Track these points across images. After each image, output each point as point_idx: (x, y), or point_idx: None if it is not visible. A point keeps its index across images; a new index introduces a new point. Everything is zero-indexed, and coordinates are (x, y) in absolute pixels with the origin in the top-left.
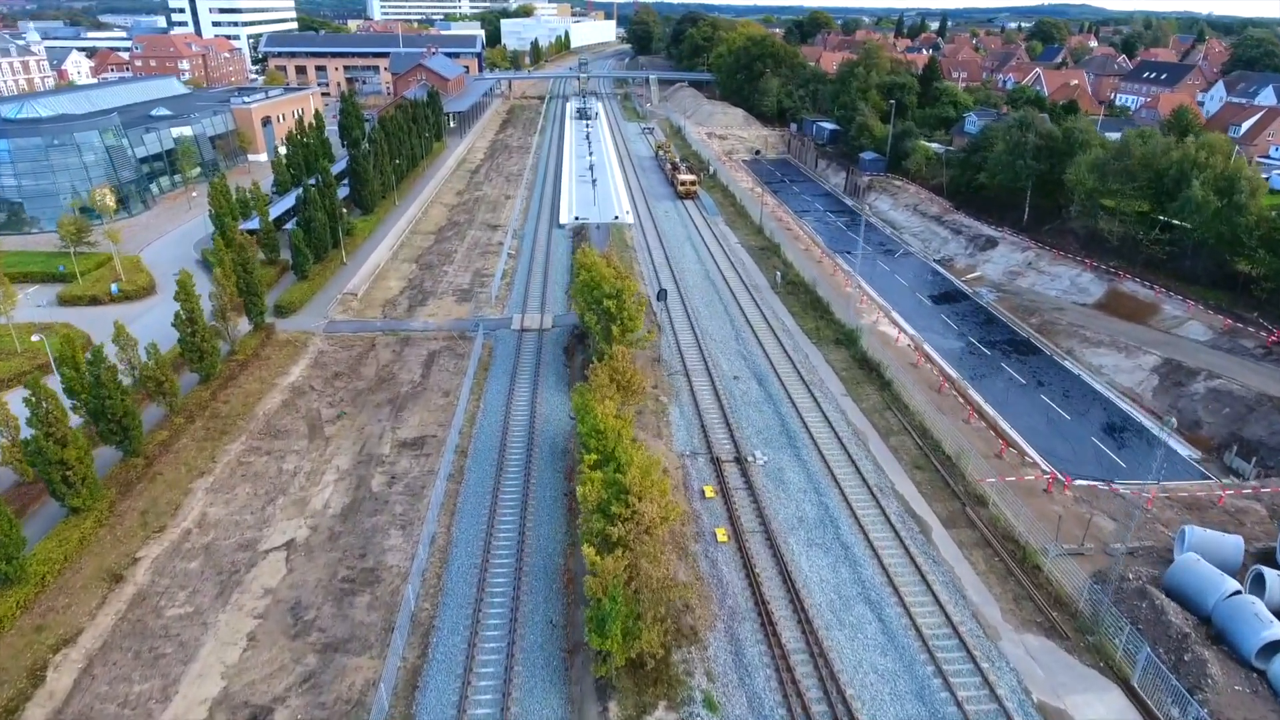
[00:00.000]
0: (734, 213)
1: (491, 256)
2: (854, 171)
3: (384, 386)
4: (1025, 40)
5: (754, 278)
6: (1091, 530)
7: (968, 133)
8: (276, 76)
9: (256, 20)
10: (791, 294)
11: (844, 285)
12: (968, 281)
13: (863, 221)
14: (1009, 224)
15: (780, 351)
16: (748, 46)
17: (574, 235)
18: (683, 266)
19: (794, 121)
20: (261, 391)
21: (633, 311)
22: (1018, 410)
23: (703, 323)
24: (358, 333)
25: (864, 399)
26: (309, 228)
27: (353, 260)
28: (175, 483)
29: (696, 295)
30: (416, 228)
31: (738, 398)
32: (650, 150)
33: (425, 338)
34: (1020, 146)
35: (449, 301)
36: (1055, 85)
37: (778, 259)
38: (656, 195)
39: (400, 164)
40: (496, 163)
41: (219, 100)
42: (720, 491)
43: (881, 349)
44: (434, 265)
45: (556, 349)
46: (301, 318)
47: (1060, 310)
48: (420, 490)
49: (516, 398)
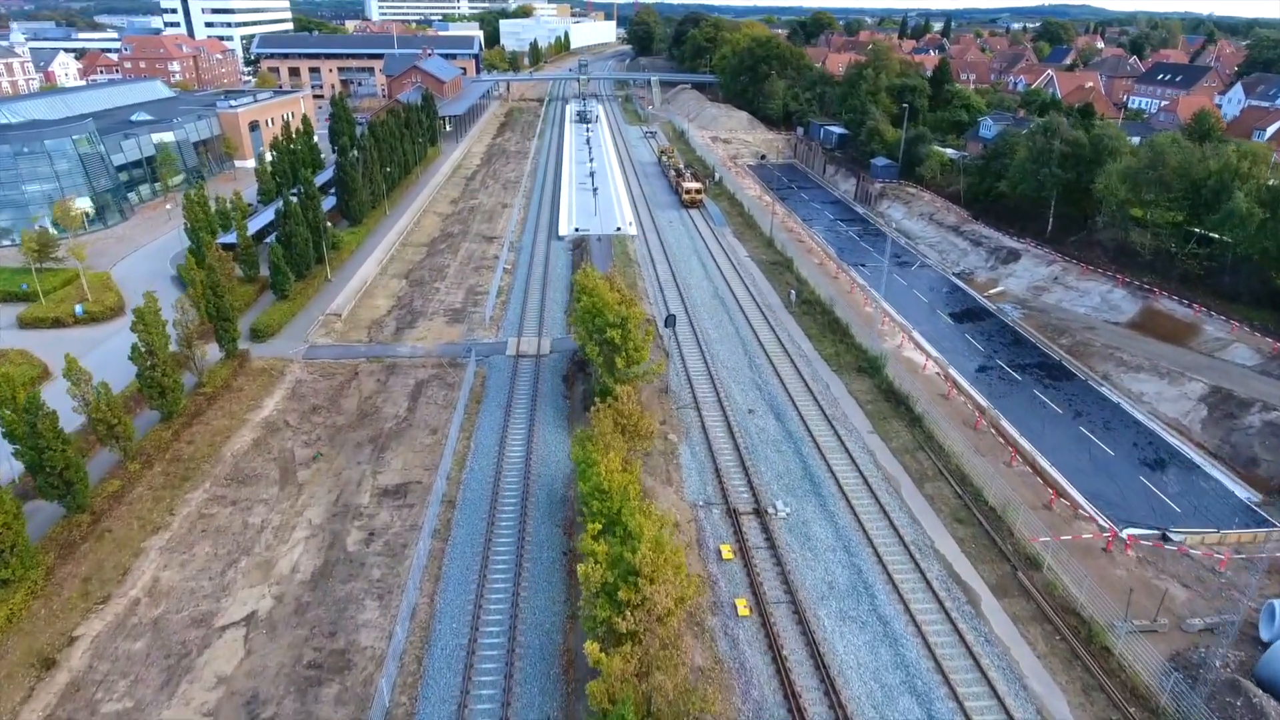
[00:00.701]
0: (742, 223)
1: (486, 272)
2: (865, 178)
3: (366, 422)
4: (1032, 41)
5: (766, 296)
6: (1162, 599)
7: (983, 138)
8: (268, 78)
9: (251, 21)
10: (807, 314)
11: (863, 304)
12: (990, 297)
13: (888, 243)
14: (1031, 235)
15: (798, 381)
16: (752, 48)
17: (574, 248)
18: (690, 283)
19: (800, 125)
20: (231, 429)
21: (638, 342)
22: (1057, 445)
23: (713, 347)
24: (340, 359)
25: (893, 437)
26: (289, 243)
27: (338, 276)
28: (126, 541)
29: (706, 316)
30: (408, 239)
31: (754, 436)
32: (653, 155)
33: (413, 365)
34: (1045, 154)
35: (440, 323)
36: (1069, 88)
37: (791, 275)
38: (660, 204)
39: (392, 172)
40: (493, 169)
41: (205, 104)
42: (739, 551)
43: (908, 378)
44: (425, 281)
45: (555, 378)
46: (279, 342)
47: (1092, 330)
48: (401, 550)
49: (511, 436)
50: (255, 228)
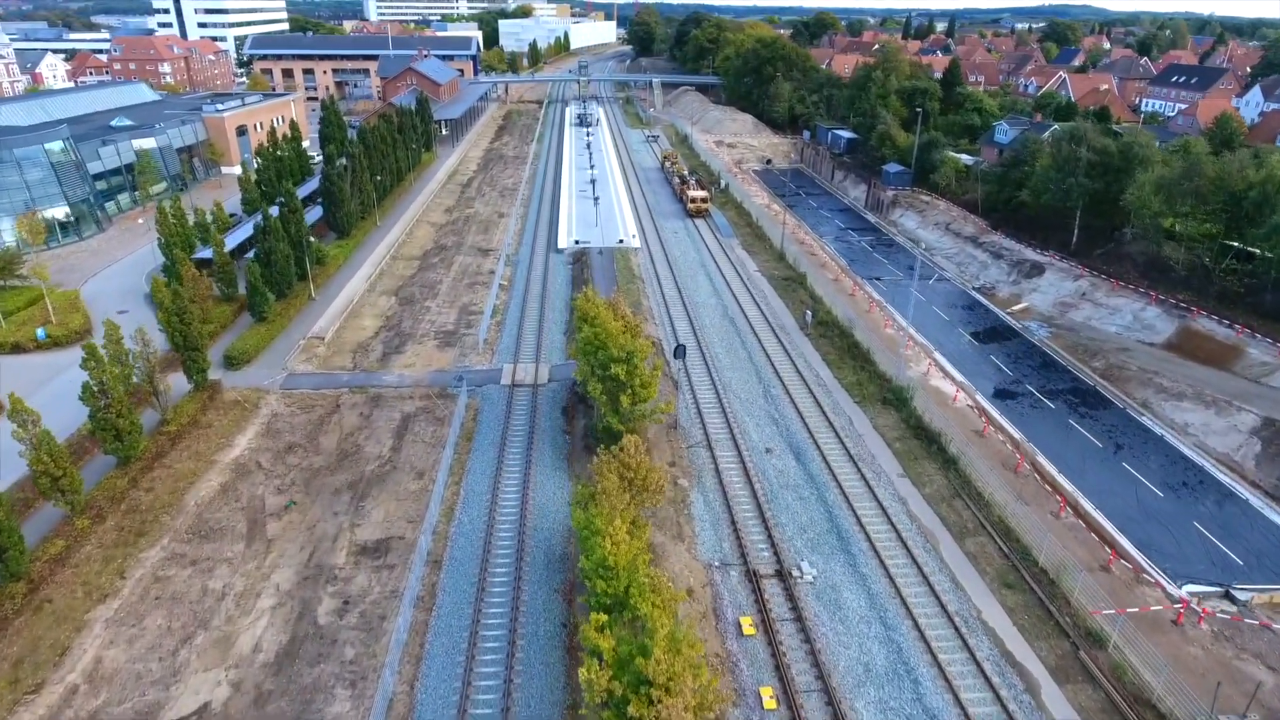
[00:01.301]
0: (750, 234)
1: (481, 288)
2: (876, 185)
3: (345, 464)
4: (1039, 42)
5: (780, 316)
6: (1248, 685)
7: (998, 143)
8: (260, 80)
9: (245, 21)
10: (825, 337)
11: (883, 325)
12: (1014, 315)
13: (916, 265)
14: (1055, 247)
15: (818, 414)
16: (757, 49)
17: (574, 262)
18: (697, 301)
19: (807, 129)
20: (196, 472)
21: (645, 377)
22: (1101, 486)
23: (725, 375)
24: (320, 389)
25: (925, 481)
26: (269, 261)
27: (323, 294)
28: (67, 613)
29: (716, 339)
30: (399, 252)
31: (773, 480)
32: (655, 161)
33: (399, 396)
34: (1070, 162)
35: (430, 347)
36: (1083, 90)
37: (804, 292)
38: (664, 213)
39: (383, 180)
40: (490, 175)
41: (190, 108)
42: (762, 624)
43: (938, 411)
44: (415, 300)
45: (554, 410)
46: (256, 370)
47: (1125, 351)
48: (379, 622)
49: (505, 481)
50: (237, 240)
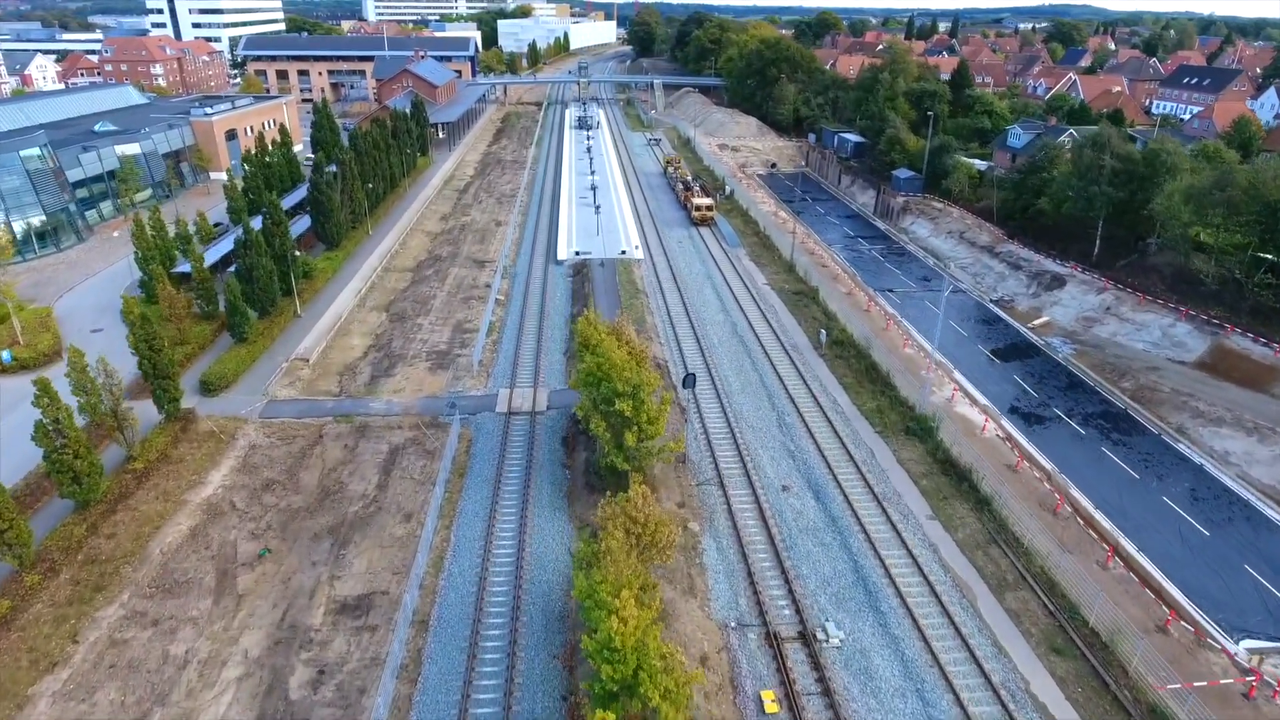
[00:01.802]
0: (758, 243)
1: (476, 303)
2: (886, 191)
3: (327, 504)
4: (1043, 42)
5: (792, 334)
6: None
7: (1011, 147)
8: (254, 82)
9: (240, 22)
10: (840, 357)
11: (902, 344)
12: (1035, 330)
13: (945, 292)
14: (1075, 258)
15: (837, 446)
16: (760, 50)
17: (574, 274)
18: (704, 317)
19: (812, 132)
20: (164, 514)
21: (653, 412)
22: (1142, 523)
23: (736, 401)
24: (302, 418)
25: (957, 525)
26: (250, 278)
27: (309, 311)
28: (9, 687)
29: (725, 360)
30: (391, 263)
31: (791, 523)
32: (657, 165)
33: (387, 425)
34: (1093, 170)
35: (421, 369)
36: (1094, 92)
37: (817, 307)
38: (668, 221)
39: (375, 188)
40: (487, 181)
41: (178, 111)
42: (785, 699)
43: (966, 443)
44: (407, 316)
45: (553, 440)
46: (234, 396)
47: (1155, 370)
48: (357, 696)
49: (500, 524)
50: (220, 253)
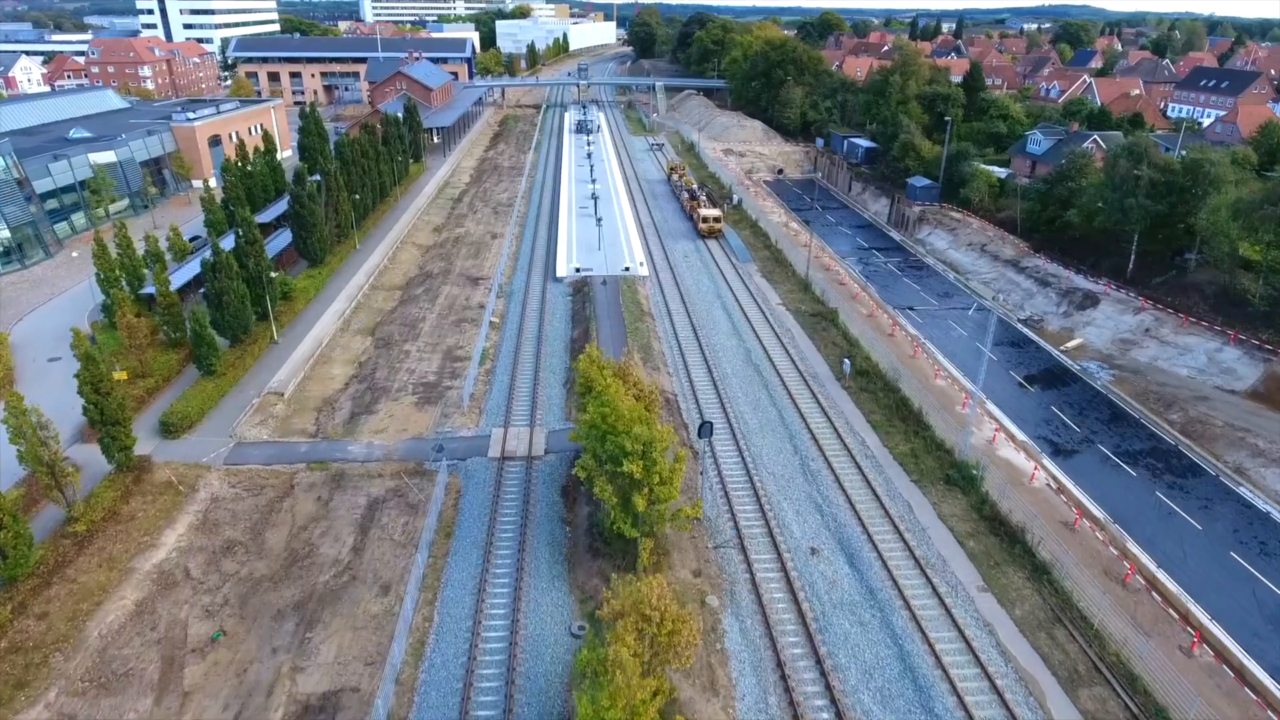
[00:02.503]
0: (769, 258)
1: (469, 326)
2: (901, 199)
3: (294, 572)
4: (1050, 43)
5: (811, 362)
6: None
7: (1030, 153)
8: (244, 84)
9: (233, 23)
10: (866, 390)
11: (933, 374)
12: (1069, 353)
13: (991, 323)
14: (1108, 274)
15: (870, 498)
16: (766, 51)
17: (574, 292)
18: (716, 344)
19: (820, 136)
20: (107, 587)
21: (666, 473)
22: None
23: (754, 442)
24: (272, 464)
25: (1014, 598)
26: (220, 303)
27: (288, 337)
28: None
29: (740, 393)
30: (379, 280)
31: (824, 595)
32: (660, 171)
33: (366, 473)
34: (1129, 181)
35: (407, 404)
36: (1110, 95)
37: (837, 331)
38: (673, 233)
39: (363, 198)
40: (483, 189)
41: (160, 116)
42: None
43: (1013, 493)
44: (394, 341)
45: (551, 491)
46: (198, 439)
47: (1204, 401)
48: None
49: (491, 597)
50: (192, 273)
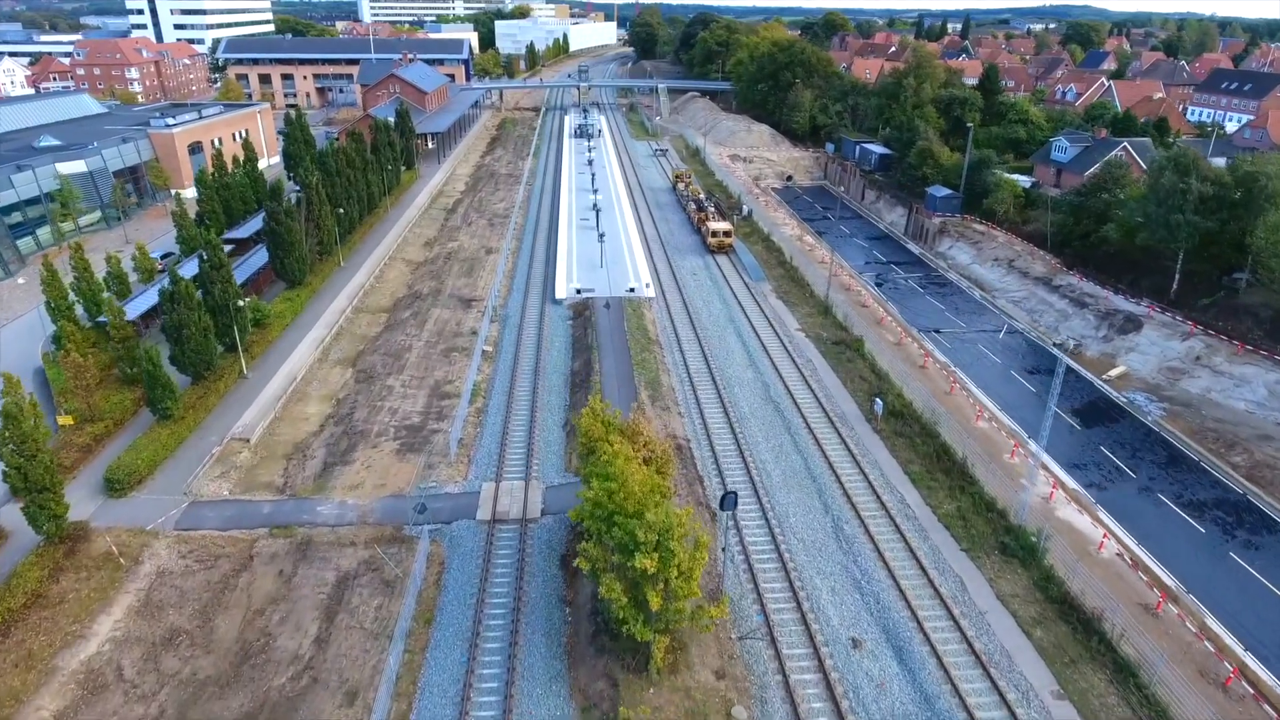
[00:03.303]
0: (784, 276)
1: (460, 357)
2: (920, 210)
3: (246, 672)
4: (1060, 44)
5: (837, 399)
6: None
7: (1056, 161)
8: (234, 87)
9: (226, 23)
10: (901, 434)
11: (974, 416)
12: (1112, 383)
13: (1060, 371)
14: (1149, 294)
15: (916, 573)
16: (773, 53)
17: (575, 316)
18: (730, 375)
19: (830, 142)
20: (21, 693)
21: (686, 564)
22: None
23: (778, 500)
24: (230, 529)
25: (1098, 709)
26: (179, 337)
27: (259, 370)
28: None
29: (761, 438)
30: (364, 302)
31: (870, 703)
32: (665, 179)
33: (337, 540)
34: (1175, 195)
35: (387, 452)
36: (1131, 98)
37: (863, 363)
38: (680, 247)
39: (349, 211)
40: (479, 198)
41: (138, 122)
42: None
43: (1081, 568)
44: (376, 374)
45: (549, 562)
46: (147, 497)
47: (1269, 441)
48: None
49: (476, 708)
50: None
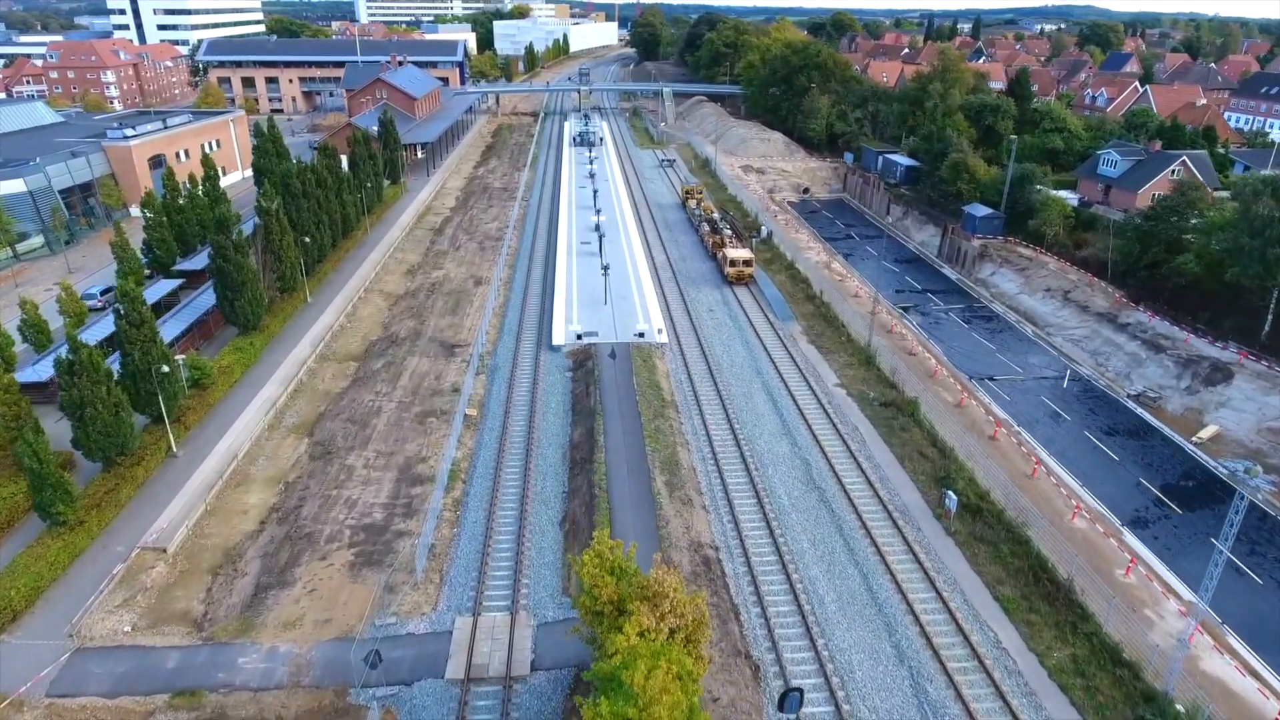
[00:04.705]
0: (813, 313)
1: (437, 424)
2: (956, 230)
3: None
4: (1077, 44)
5: (894, 484)
6: None
7: (1104, 176)
8: (215, 91)
9: (214, 23)
10: (981, 537)
11: (1069, 511)
12: (1203, 446)
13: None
14: (1234, 336)
15: None
16: (786, 55)
17: (575, 366)
18: (762, 450)
19: (849, 151)
20: None
21: None
22: None
23: (835, 637)
24: (118, 696)
25: None
26: (82, 417)
27: (193, 444)
28: None
29: (806, 544)
30: (331, 348)
31: None
32: (673, 193)
33: (259, 713)
34: (1275, 227)
35: (338, 565)
36: (1171, 104)
37: (919, 431)
38: (693, 277)
39: (319, 238)
40: (469, 217)
41: (95, 133)
42: None
43: None
44: (336, 448)
45: None
46: (19, 643)
47: None
48: None
49: None
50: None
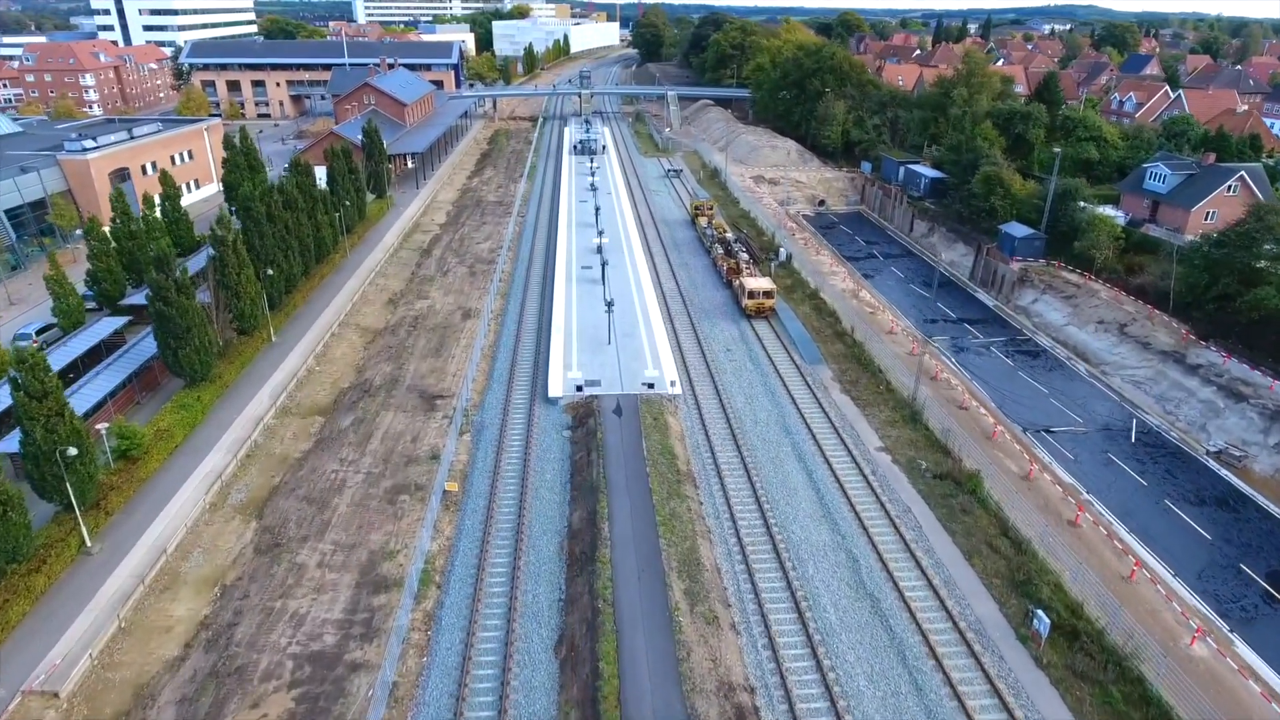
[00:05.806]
0: (844, 354)
1: (410, 502)
2: (992, 252)
3: None
4: (1093, 46)
5: (963, 591)
6: None
7: (1152, 191)
8: (198, 96)
9: (202, 24)
10: (1080, 671)
11: (1185, 640)
12: None
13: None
14: None
15: None
16: (798, 58)
17: (575, 424)
18: (799, 543)
19: (867, 161)
20: None
21: None
22: None
23: None
24: None
25: None
26: None
27: (113, 537)
28: None
29: (864, 683)
30: (295, 398)
31: None
32: (680, 207)
33: None
34: None
35: (273, 716)
36: (1207, 110)
37: (986, 516)
38: (706, 307)
39: (287, 267)
40: (460, 234)
41: (52, 145)
42: None
43: None
44: (286, 539)
45: None
46: None
47: None
48: None
49: None
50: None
